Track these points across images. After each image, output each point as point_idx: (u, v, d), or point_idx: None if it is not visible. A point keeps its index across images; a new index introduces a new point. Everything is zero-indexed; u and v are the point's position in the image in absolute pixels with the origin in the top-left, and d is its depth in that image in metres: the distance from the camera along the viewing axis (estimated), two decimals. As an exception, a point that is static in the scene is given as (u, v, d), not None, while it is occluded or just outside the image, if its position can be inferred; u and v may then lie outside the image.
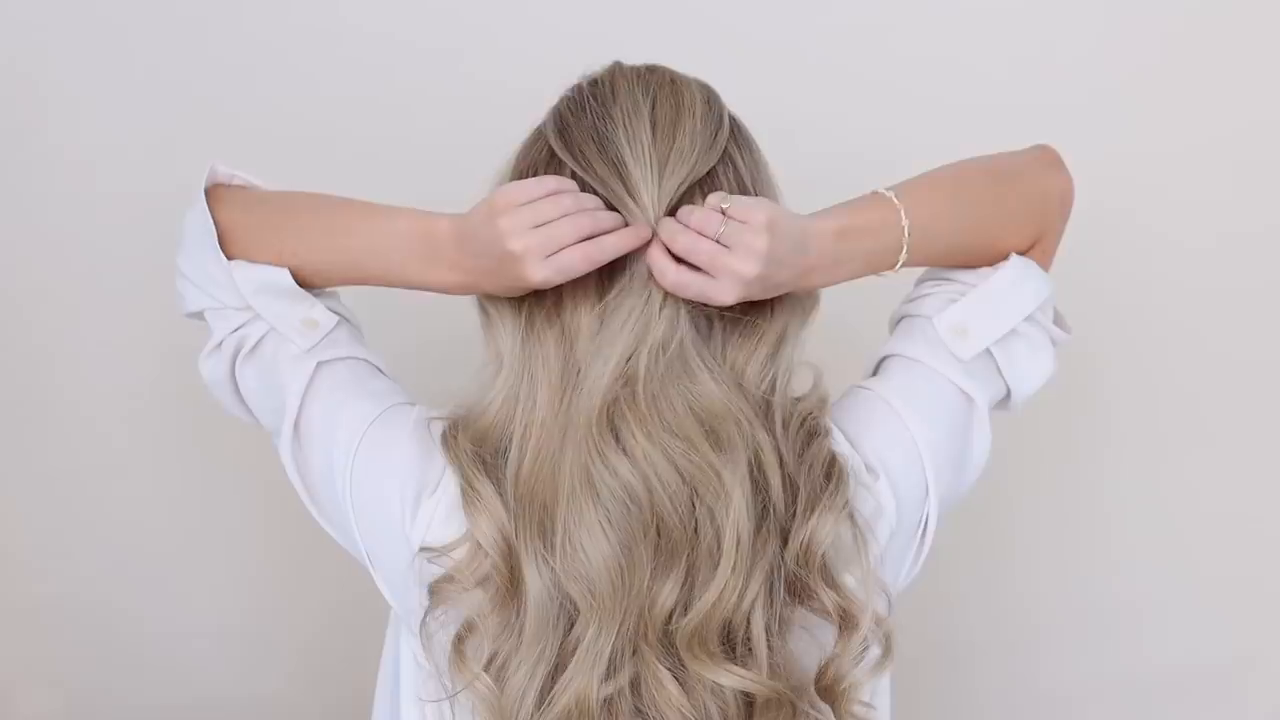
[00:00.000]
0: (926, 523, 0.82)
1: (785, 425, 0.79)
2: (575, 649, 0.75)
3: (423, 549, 0.78)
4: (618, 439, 0.74)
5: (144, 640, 1.52)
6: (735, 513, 0.74)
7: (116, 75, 1.35)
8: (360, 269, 0.84)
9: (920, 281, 0.91)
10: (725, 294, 0.74)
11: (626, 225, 0.76)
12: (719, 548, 0.74)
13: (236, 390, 0.87)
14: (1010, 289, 0.85)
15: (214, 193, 0.87)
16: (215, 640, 1.54)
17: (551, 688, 0.75)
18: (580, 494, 0.74)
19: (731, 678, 0.75)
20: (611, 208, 0.77)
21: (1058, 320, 0.89)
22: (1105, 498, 1.52)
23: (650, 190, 0.76)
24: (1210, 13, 1.36)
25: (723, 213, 0.74)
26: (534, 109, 0.84)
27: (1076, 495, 1.52)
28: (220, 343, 0.86)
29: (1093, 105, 1.36)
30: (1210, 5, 1.36)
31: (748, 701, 0.77)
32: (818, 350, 0.85)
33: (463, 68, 1.34)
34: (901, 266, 0.82)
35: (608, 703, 0.75)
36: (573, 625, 0.75)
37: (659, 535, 0.74)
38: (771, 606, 0.76)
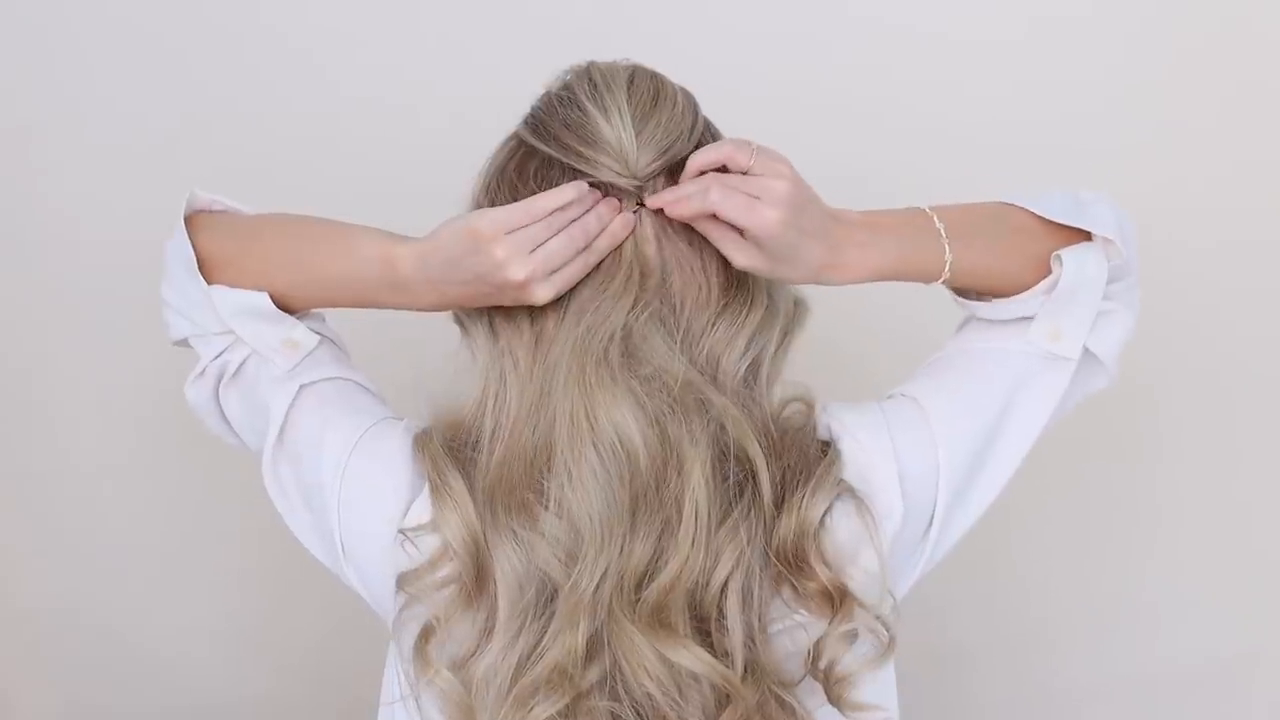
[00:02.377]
0: (932, 524, 0.81)
1: (761, 408, 0.78)
2: (549, 629, 0.75)
3: (400, 530, 0.78)
4: (593, 402, 0.74)
5: (141, 644, 1.54)
6: (694, 485, 0.73)
7: (116, 76, 1.34)
8: (338, 296, 0.84)
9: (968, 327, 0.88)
10: (768, 213, 0.73)
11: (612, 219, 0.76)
12: (679, 515, 0.74)
13: (222, 415, 0.87)
14: (1079, 285, 0.82)
15: (195, 219, 0.87)
16: (213, 644, 1.55)
17: (523, 674, 0.75)
18: (571, 444, 0.74)
19: (686, 656, 0.74)
20: (598, 186, 0.76)
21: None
22: (1109, 498, 1.52)
23: (630, 150, 0.76)
24: (1216, 18, 1.35)
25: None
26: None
27: (1080, 496, 1.52)
28: (204, 369, 0.85)
29: (1109, 113, 1.35)
30: (1216, 12, 1.34)
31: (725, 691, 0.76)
32: (821, 367, 0.84)
33: (469, 67, 1.34)
34: (949, 271, 0.80)
35: (584, 691, 0.75)
36: (545, 611, 0.75)
37: (635, 492, 0.74)
38: (751, 592, 0.75)
